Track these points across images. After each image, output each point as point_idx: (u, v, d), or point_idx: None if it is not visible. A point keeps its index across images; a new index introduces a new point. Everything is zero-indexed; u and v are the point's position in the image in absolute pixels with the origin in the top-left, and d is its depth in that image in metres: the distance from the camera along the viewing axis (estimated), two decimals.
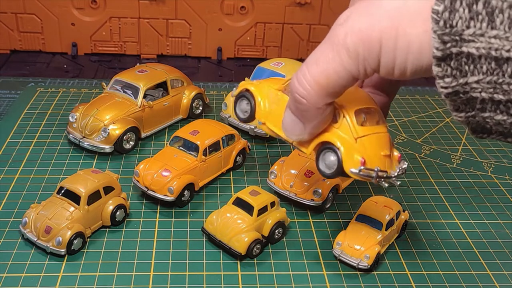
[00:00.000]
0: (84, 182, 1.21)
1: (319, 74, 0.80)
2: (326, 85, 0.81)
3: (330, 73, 0.79)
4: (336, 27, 0.78)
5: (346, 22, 0.76)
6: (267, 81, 1.11)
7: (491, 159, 1.62)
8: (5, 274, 1.11)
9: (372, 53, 0.74)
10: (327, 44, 0.79)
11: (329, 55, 0.78)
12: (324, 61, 0.79)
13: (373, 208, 1.23)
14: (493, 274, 1.20)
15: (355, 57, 0.76)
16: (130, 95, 1.58)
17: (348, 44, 0.76)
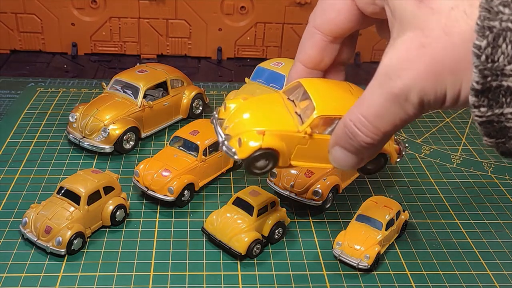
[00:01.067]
0: (84, 182, 1.21)
1: (385, 126, 0.78)
2: (394, 131, 0.79)
3: (397, 124, 0.77)
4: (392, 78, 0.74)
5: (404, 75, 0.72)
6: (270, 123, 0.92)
7: (491, 159, 1.62)
8: (5, 274, 1.11)
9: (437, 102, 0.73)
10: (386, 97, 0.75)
11: (392, 109, 0.75)
12: (388, 114, 0.76)
13: (373, 208, 1.23)
14: (493, 274, 1.20)
15: (420, 108, 0.75)
16: (130, 95, 1.58)
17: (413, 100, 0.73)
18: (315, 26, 0.89)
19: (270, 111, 0.94)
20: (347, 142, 0.82)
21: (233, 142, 0.89)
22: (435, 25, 0.70)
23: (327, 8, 0.87)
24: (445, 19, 0.69)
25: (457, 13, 0.68)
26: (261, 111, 0.94)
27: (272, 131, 0.90)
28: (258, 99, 0.97)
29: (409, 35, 0.73)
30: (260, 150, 0.89)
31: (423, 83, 0.72)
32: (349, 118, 0.80)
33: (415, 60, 0.72)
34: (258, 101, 0.97)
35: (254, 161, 0.91)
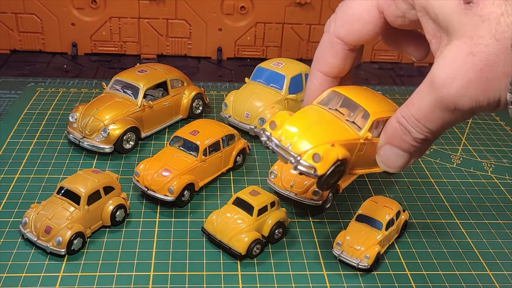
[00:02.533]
0: (84, 182, 1.21)
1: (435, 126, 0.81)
2: (444, 130, 0.83)
3: (447, 125, 0.81)
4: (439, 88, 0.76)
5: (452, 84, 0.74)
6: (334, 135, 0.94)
7: (491, 159, 1.62)
8: (5, 274, 1.10)
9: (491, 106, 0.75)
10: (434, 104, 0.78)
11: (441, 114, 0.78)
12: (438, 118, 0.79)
13: (373, 208, 1.23)
14: (493, 274, 1.20)
15: (471, 113, 0.77)
16: (130, 95, 1.58)
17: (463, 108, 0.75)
18: (337, 36, 0.89)
19: (324, 123, 0.94)
20: (400, 139, 0.84)
21: (307, 159, 0.89)
22: (485, 32, 0.70)
23: (353, 20, 0.88)
24: (495, 25, 0.70)
25: (507, 19, 0.69)
26: (316, 124, 0.94)
27: (339, 142, 0.91)
28: (303, 113, 0.96)
29: (457, 43, 0.74)
30: (338, 162, 0.90)
31: (474, 91, 0.72)
32: (402, 116, 0.82)
33: (464, 69, 0.72)
34: (305, 115, 0.96)
35: (331, 175, 0.90)
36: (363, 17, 0.86)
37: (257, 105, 1.62)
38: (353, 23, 0.88)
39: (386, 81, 2.17)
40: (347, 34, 0.89)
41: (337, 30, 0.90)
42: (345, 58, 0.92)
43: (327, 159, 0.89)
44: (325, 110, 0.97)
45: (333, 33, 0.90)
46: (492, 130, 1.77)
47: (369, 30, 0.87)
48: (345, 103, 0.96)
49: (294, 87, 1.66)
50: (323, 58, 0.93)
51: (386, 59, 2.32)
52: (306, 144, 0.91)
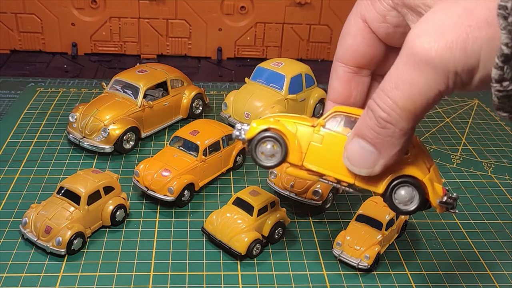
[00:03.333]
0: (84, 182, 1.21)
1: (404, 100, 0.70)
2: (414, 110, 0.71)
3: (418, 100, 0.70)
4: (412, 42, 0.67)
5: (424, 33, 0.66)
6: (286, 117, 0.92)
7: (491, 159, 1.62)
8: (5, 274, 1.10)
9: (466, 70, 0.66)
10: (405, 62, 0.69)
11: (411, 76, 0.68)
12: (406, 84, 0.69)
13: (373, 208, 1.23)
14: (493, 274, 1.20)
15: (445, 78, 0.67)
16: (130, 95, 1.58)
17: (434, 59, 0.66)
18: (337, 59, 0.86)
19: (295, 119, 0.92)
20: (365, 125, 0.75)
21: (245, 128, 0.92)
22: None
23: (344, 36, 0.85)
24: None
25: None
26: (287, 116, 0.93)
27: (285, 120, 0.89)
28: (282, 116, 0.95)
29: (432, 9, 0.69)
30: (267, 132, 0.87)
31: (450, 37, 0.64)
32: (370, 98, 0.74)
33: (440, 17, 0.66)
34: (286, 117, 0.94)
35: (258, 141, 0.89)
36: (351, 30, 0.83)
37: (257, 105, 1.62)
38: (345, 39, 0.84)
39: None
40: (343, 53, 0.85)
41: (336, 52, 0.87)
42: (349, 81, 0.87)
43: (256, 126, 0.90)
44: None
45: (335, 57, 0.87)
46: (492, 130, 1.77)
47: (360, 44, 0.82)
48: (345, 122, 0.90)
49: (294, 87, 1.66)
50: (330, 84, 0.90)
51: None
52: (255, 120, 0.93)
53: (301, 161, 0.89)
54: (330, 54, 2.28)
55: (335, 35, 2.24)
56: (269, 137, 0.89)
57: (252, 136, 0.89)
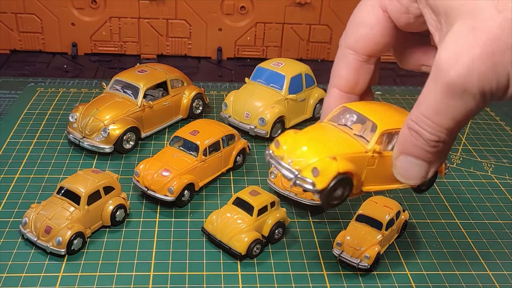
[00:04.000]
0: (84, 182, 1.21)
1: (447, 122, 0.74)
2: (458, 127, 0.76)
3: (459, 119, 0.74)
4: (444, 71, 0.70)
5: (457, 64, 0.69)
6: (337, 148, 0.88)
7: (491, 159, 1.62)
8: (5, 274, 1.10)
9: (500, 88, 0.69)
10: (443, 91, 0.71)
11: (451, 102, 0.72)
12: (448, 109, 0.73)
13: (373, 208, 1.23)
14: (493, 274, 1.20)
15: (482, 98, 0.70)
16: (130, 95, 1.58)
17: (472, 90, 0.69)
18: (348, 46, 0.86)
19: (329, 138, 0.90)
20: (412, 144, 0.78)
21: (306, 174, 0.84)
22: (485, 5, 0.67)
23: (359, 25, 0.84)
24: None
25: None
26: (320, 139, 0.90)
27: (342, 155, 0.86)
28: (309, 130, 0.93)
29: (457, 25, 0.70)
30: (339, 176, 0.84)
31: (481, 67, 0.67)
32: (410, 119, 0.77)
33: (468, 46, 0.68)
34: (311, 131, 0.93)
35: (333, 190, 0.85)
36: (368, 19, 0.83)
37: (257, 105, 1.62)
38: (359, 28, 0.84)
39: (386, 81, 2.17)
40: (356, 42, 0.85)
41: (347, 40, 0.86)
42: (357, 70, 0.88)
43: (326, 172, 0.84)
44: (333, 126, 0.92)
45: (344, 45, 0.87)
46: (492, 130, 1.77)
47: (376, 34, 0.83)
48: (356, 119, 0.92)
49: (294, 87, 1.66)
50: (336, 72, 0.90)
51: (386, 59, 2.32)
52: (306, 159, 0.86)
53: (361, 188, 0.90)
54: (330, 54, 2.28)
55: (335, 35, 2.24)
56: (340, 181, 0.86)
57: (325, 186, 0.84)
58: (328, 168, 0.84)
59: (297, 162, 0.86)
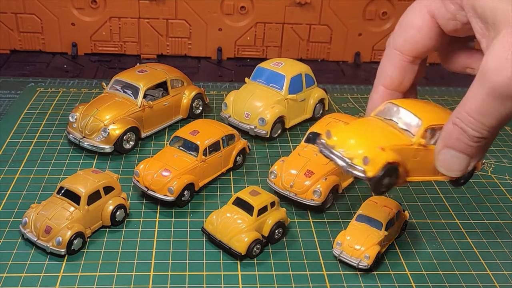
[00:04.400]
0: (84, 182, 1.21)
1: (492, 122, 0.81)
2: (501, 125, 0.82)
3: (503, 119, 0.80)
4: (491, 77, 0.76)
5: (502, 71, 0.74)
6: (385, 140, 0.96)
7: (491, 159, 1.62)
8: (5, 274, 1.10)
9: None
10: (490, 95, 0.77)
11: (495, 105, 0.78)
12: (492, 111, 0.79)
13: (373, 208, 1.23)
14: (493, 274, 1.20)
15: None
16: (130, 95, 1.58)
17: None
18: (395, 47, 0.92)
19: (378, 130, 0.98)
20: (456, 139, 0.84)
21: (357, 162, 0.93)
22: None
23: (407, 27, 0.90)
24: None
25: None
26: (369, 131, 0.98)
27: (390, 147, 0.94)
28: (358, 123, 1.02)
29: (504, 32, 0.74)
30: (387, 165, 0.92)
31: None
32: (456, 117, 0.83)
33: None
34: (360, 124, 1.01)
35: (382, 178, 0.93)
36: (416, 23, 0.88)
37: (257, 105, 1.62)
38: (407, 31, 0.90)
39: None
40: (403, 44, 0.91)
41: (395, 42, 0.92)
42: (403, 70, 0.94)
43: (376, 161, 0.92)
44: (379, 120, 1.00)
45: (392, 46, 0.92)
46: None
47: (423, 37, 0.89)
48: (401, 114, 0.99)
49: (294, 87, 1.66)
50: (383, 71, 0.96)
51: None
52: (357, 149, 0.94)
53: (406, 178, 0.98)
54: (330, 54, 2.28)
55: (335, 35, 2.24)
56: (389, 170, 0.93)
57: (376, 174, 0.92)
58: (378, 158, 0.92)
59: (349, 152, 0.95)
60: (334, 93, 1.97)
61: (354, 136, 0.97)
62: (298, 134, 1.67)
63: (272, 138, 1.63)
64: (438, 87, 2.10)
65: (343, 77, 2.18)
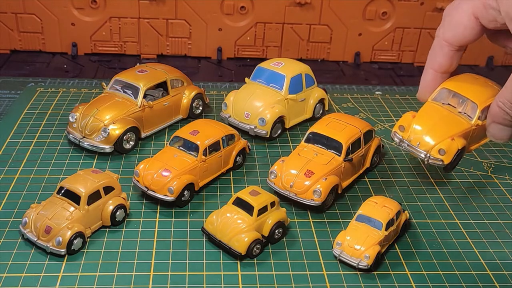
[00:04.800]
0: (84, 182, 1.21)
1: None
2: None
3: None
4: None
5: None
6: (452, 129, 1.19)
7: (491, 159, 1.62)
8: (5, 274, 1.11)
9: None
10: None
11: None
12: None
13: (373, 208, 1.23)
14: (493, 274, 1.20)
15: None
16: (130, 95, 1.58)
17: None
18: (444, 39, 1.09)
19: (443, 120, 1.19)
20: (501, 117, 1.04)
21: (435, 153, 1.16)
22: None
23: (456, 25, 1.06)
24: None
25: None
26: (436, 122, 1.19)
27: (457, 134, 1.17)
28: (423, 113, 1.20)
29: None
30: (458, 151, 1.16)
31: None
32: (499, 100, 1.02)
33: None
34: (425, 115, 1.20)
35: (456, 160, 1.17)
36: (463, 22, 1.05)
37: (257, 105, 1.62)
38: (456, 28, 1.06)
39: (386, 81, 2.18)
40: (452, 37, 1.08)
41: (444, 35, 1.08)
42: (451, 57, 1.11)
43: (450, 151, 1.16)
44: (440, 106, 1.20)
45: (442, 37, 1.09)
46: None
47: (469, 33, 1.05)
48: (454, 97, 1.19)
49: (294, 87, 1.66)
50: (434, 58, 1.13)
51: (386, 59, 2.32)
52: (431, 142, 1.17)
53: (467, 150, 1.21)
54: (330, 54, 2.28)
55: (335, 35, 2.24)
56: (459, 153, 1.17)
57: (451, 160, 1.16)
58: (451, 148, 1.16)
59: (425, 144, 1.17)
60: (334, 93, 1.97)
61: (426, 129, 1.18)
62: (298, 134, 1.67)
63: (272, 138, 1.63)
64: None
65: (343, 77, 2.18)
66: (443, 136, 1.18)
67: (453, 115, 1.20)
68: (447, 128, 1.18)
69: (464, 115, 1.19)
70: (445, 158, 1.16)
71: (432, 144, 1.17)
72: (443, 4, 2.16)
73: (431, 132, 1.18)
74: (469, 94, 1.19)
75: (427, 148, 1.17)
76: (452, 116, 1.20)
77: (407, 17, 2.21)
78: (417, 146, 1.18)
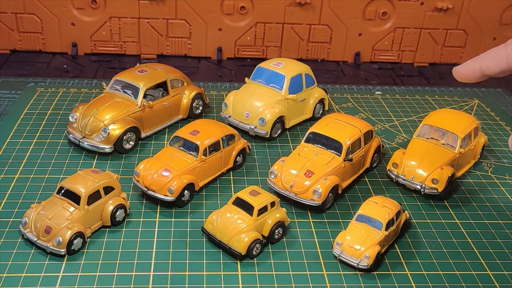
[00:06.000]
0: (84, 182, 1.21)
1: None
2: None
3: None
4: None
5: None
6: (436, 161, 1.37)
7: (491, 159, 1.62)
8: (5, 274, 1.11)
9: None
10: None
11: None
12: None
13: (373, 208, 1.23)
14: (493, 274, 1.20)
15: None
16: (130, 95, 1.58)
17: None
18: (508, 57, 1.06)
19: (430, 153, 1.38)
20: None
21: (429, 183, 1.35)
22: None
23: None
24: None
25: None
26: (424, 156, 1.37)
27: (445, 163, 1.37)
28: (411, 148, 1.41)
29: None
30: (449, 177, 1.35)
31: None
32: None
33: None
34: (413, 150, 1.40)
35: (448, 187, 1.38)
36: None
37: (257, 105, 1.62)
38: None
39: (386, 81, 2.18)
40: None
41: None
42: (502, 71, 1.07)
43: (442, 179, 1.33)
44: (424, 141, 1.41)
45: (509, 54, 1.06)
46: (492, 130, 1.77)
47: None
48: (436, 131, 1.41)
49: (294, 87, 1.66)
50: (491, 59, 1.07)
51: (386, 59, 2.32)
52: (424, 173, 1.35)
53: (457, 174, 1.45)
54: (330, 54, 2.28)
55: (335, 35, 2.24)
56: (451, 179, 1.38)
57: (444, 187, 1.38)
58: (442, 176, 1.34)
59: (418, 177, 1.35)
60: (334, 93, 1.97)
61: (417, 163, 1.36)
62: (298, 134, 1.68)
63: (272, 138, 1.63)
64: (438, 87, 2.10)
65: (343, 77, 2.18)
66: (433, 167, 1.34)
67: (438, 147, 1.38)
68: (435, 159, 1.35)
69: (448, 146, 1.38)
70: (439, 186, 1.33)
71: (425, 175, 1.33)
72: (443, 4, 2.17)
73: (422, 165, 1.35)
74: (449, 127, 1.39)
75: (421, 179, 1.34)
76: (437, 148, 1.38)
77: (407, 17, 2.21)
78: (411, 179, 1.35)
